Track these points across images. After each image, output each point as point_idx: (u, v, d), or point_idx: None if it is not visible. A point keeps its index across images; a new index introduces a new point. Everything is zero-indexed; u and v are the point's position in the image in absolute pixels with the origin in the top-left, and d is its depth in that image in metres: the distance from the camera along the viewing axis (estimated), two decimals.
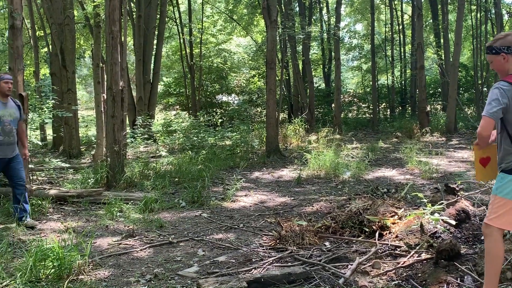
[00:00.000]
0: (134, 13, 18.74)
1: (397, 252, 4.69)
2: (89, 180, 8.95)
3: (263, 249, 5.15)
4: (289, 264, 4.57)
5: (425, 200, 5.40)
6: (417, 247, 4.57)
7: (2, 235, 5.88)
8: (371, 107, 25.78)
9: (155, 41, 19.29)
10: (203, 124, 17.55)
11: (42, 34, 17.73)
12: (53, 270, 4.36)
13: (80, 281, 4.31)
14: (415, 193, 6.16)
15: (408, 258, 4.40)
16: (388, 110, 27.97)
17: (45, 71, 22.82)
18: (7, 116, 6.18)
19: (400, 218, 5.44)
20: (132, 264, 4.87)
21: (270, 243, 5.30)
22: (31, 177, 9.00)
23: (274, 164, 11.82)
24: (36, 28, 17.96)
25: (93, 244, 5.44)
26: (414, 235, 4.81)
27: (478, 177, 3.76)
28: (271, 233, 5.71)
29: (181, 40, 23.19)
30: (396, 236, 5.04)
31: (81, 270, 4.50)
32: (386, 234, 5.19)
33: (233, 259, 4.84)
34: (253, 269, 4.47)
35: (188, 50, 23.19)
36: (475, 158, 3.66)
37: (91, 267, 4.68)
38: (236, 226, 6.24)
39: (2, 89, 6.14)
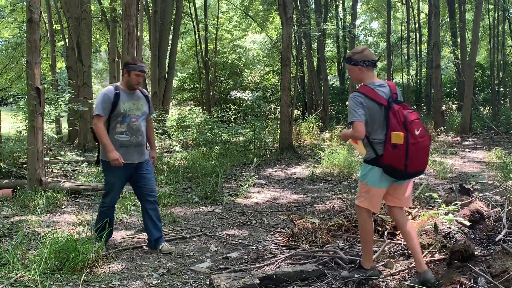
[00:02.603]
0: (150, 8, 18.79)
1: (410, 252, 4.66)
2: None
3: (276, 246, 5.15)
4: (302, 261, 4.57)
5: (439, 200, 5.37)
6: (431, 248, 4.54)
7: (17, 226, 5.95)
8: None
9: (170, 36, 19.34)
10: (217, 120, 17.58)
11: (59, 28, 17.86)
12: (67, 262, 4.41)
13: (94, 274, 4.35)
14: (429, 193, 6.11)
15: None
16: None
17: (61, 64, 22.99)
18: (134, 110, 4.94)
19: (413, 218, 5.42)
20: (145, 258, 4.91)
21: (282, 240, 5.30)
22: (46, 170, 9.09)
23: (287, 161, 11.82)
24: (53, 22, 18.11)
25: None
26: (428, 235, 4.78)
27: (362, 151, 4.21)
28: (283, 230, 5.72)
29: (196, 36, 23.24)
30: None
31: (95, 263, 4.54)
32: (399, 233, 5.17)
33: (245, 256, 4.85)
34: (265, 266, 4.47)
35: (203, 46, 23.24)
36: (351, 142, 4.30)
37: (105, 260, 4.72)
38: (248, 223, 6.26)
39: (131, 82, 4.88)
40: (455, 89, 26.12)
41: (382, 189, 3.94)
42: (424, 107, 26.86)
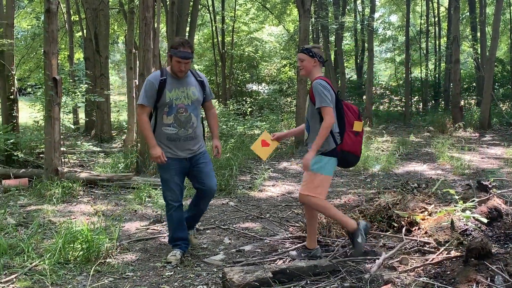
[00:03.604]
0: (167, 0, 18.77)
1: (425, 248, 4.61)
2: (119, 165, 9.06)
3: (289, 240, 5.13)
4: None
5: (457, 197, 5.29)
6: (447, 244, 4.48)
7: (33, 216, 6.01)
8: (403, 100, 25.39)
9: (187, 28, 19.31)
10: (232, 112, 17.56)
11: (77, 18, 17.95)
12: (81, 252, 4.43)
13: (108, 264, 4.37)
14: (446, 189, 6.03)
15: (437, 255, 4.32)
16: (421, 103, 27.51)
17: (79, 55, 23.15)
18: (182, 99, 4.37)
19: (430, 214, 5.34)
20: (159, 249, 4.92)
21: (296, 234, 5.27)
22: (62, 160, 9.16)
23: (302, 155, 11.69)
24: (72, 12, 18.20)
25: (122, 228, 5.50)
26: (444, 232, 4.72)
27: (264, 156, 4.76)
28: (297, 224, 5.69)
29: (213, 28, 23.19)
30: (426, 232, 4.95)
31: (109, 253, 4.56)
32: (415, 230, 5.11)
33: (258, 249, 4.84)
34: (279, 260, 4.46)
35: (220, 38, 23.19)
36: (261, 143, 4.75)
37: (119, 251, 4.74)
38: (262, 216, 6.24)
39: (173, 68, 4.35)
40: (474, 84, 25.72)
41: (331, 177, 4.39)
42: (442, 102, 26.52)
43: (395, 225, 5.28)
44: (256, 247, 4.95)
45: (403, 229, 5.12)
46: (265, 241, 5.13)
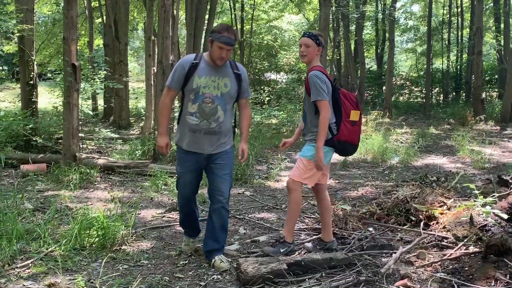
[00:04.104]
0: None
1: (443, 243, 4.54)
2: (137, 152, 9.09)
3: (305, 232, 5.09)
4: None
5: (476, 191, 5.20)
6: (465, 240, 4.40)
7: (50, 201, 6.05)
8: (423, 91, 25.09)
9: (207, 16, 19.25)
10: (250, 101, 17.48)
11: (97, 4, 17.99)
12: (97, 239, 4.45)
13: (123, 252, 4.38)
14: (466, 184, 5.93)
15: (455, 251, 4.25)
16: (442, 95, 27.15)
17: (99, 42, 23.23)
18: (212, 88, 3.96)
19: (449, 209, 5.26)
20: (174, 237, 4.92)
21: (312, 226, 5.23)
22: (81, 146, 9.22)
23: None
24: None
25: (137, 216, 5.52)
26: (463, 227, 4.64)
27: None
28: (313, 216, 5.65)
29: (233, 16, 23.12)
30: (444, 227, 4.88)
31: (124, 241, 4.57)
32: (433, 224, 5.04)
33: (273, 240, 4.81)
34: None
35: (239, 26, 23.10)
36: None
37: (134, 238, 4.75)
38: (278, 207, 6.21)
39: (213, 55, 3.92)
40: (496, 76, 25.29)
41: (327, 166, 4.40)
42: (464, 94, 26.15)
43: (413, 219, 5.22)
44: (271, 237, 4.92)
45: (421, 223, 5.05)
46: (280, 232, 5.10)
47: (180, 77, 3.97)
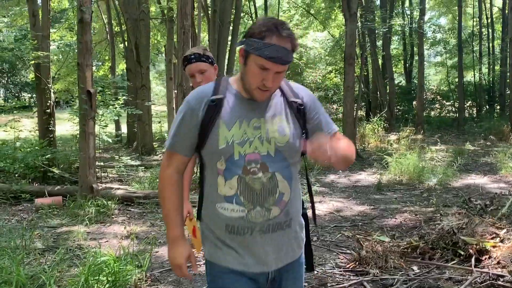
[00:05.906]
0: (209, 8, 18.49)
1: (499, 283, 3.94)
2: (157, 180, 8.65)
3: (340, 271, 4.51)
4: None
5: None
6: None
7: (63, 238, 5.63)
8: (455, 105, 24.27)
9: (229, 37, 18.97)
10: None
11: (119, 30, 17.90)
12: (107, 285, 3.97)
13: None
14: None
15: None
16: (475, 109, 26.25)
17: (123, 66, 23.19)
18: (255, 142, 1.98)
19: (502, 241, 4.64)
20: (193, 281, 4.40)
21: (348, 265, 4.64)
22: (101, 174, 8.86)
23: (351, 167, 11.07)
24: (114, 23, 18.16)
25: (154, 254, 5.05)
26: None
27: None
28: (348, 251, 5.07)
29: None
30: (498, 263, 4.28)
31: (137, 286, 4.09)
32: (485, 259, 4.42)
33: (305, 283, 4.24)
34: None
35: None
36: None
37: (149, 283, 4.27)
38: None
39: (249, 79, 1.97)
40: None
41: None
42: (498, 107, 25.22)
43: (462, 253, 4.60)
44: (304, 279, 4.36)
45: (472, 259, 4.43)
46: (313, 272, 4.54)
47: (189, 130, 2.05)
